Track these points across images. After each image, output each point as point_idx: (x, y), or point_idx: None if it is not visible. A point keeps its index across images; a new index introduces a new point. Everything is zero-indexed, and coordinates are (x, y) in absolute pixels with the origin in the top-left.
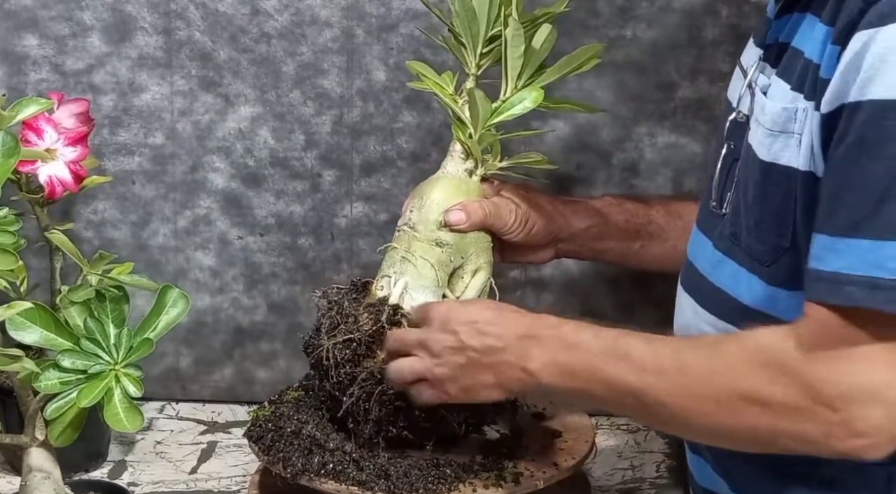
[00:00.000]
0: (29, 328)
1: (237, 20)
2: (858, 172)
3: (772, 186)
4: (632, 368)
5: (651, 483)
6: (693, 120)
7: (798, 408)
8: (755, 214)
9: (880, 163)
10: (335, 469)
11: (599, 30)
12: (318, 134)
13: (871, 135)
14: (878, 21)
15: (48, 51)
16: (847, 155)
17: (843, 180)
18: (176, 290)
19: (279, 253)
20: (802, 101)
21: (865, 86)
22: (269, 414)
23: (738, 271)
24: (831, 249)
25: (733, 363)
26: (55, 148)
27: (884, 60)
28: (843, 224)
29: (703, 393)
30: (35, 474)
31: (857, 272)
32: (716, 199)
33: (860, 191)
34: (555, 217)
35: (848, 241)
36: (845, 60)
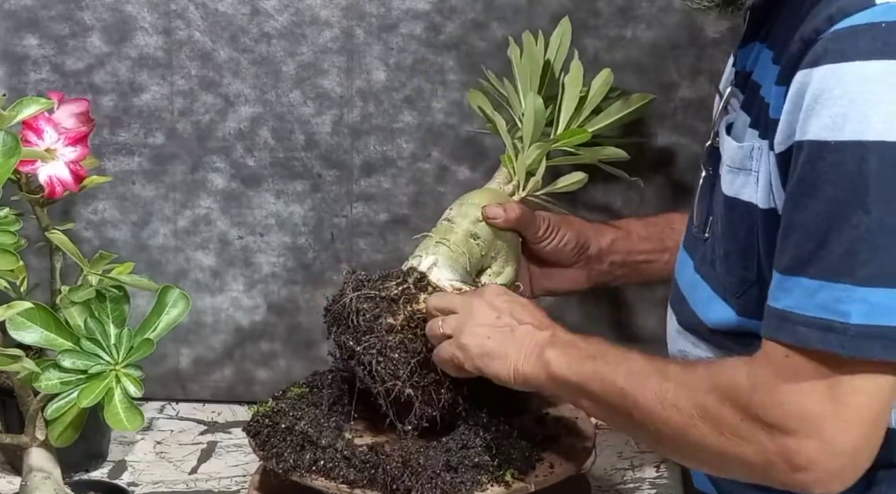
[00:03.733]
0: (29, 328)
1: (237, 20)
2: (801, 212)
3: (736, 221)
4: (623, 371)
5: (651, 483)
6: (693, 120)
7: (741, 432)
8: (723, 246)
9: (818, 204)
10: (325, 466)
11: (599, 30)
12: (318, 134)
13: (809, 175)
14: (813, 62)
15: (48, 51)
16: (792, 194)
17: (789, 219)
18: (176, 290)
19: (279, 254)
20: (758, 140)
21: (805, 126)
22: (267, 410)
23: (713, 297)
24: (781, 287)
25: (698, 382)
26: (55, 148)
27: (817, 100)
28: (790, 262)
29: (666, 403)
30: (35, 474)
31: (806, 312)
32: (698, 224)
33: (803, 231)
34: (583, 231)
35: (793, 280)
36: (788, 99)
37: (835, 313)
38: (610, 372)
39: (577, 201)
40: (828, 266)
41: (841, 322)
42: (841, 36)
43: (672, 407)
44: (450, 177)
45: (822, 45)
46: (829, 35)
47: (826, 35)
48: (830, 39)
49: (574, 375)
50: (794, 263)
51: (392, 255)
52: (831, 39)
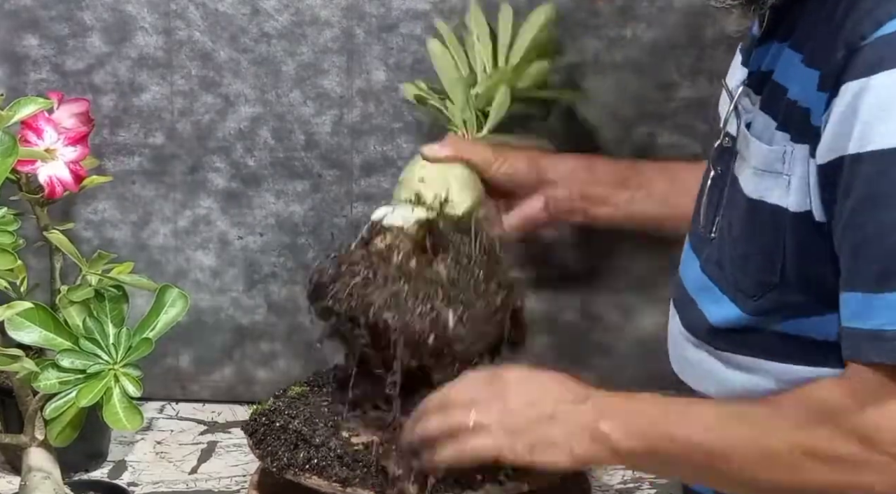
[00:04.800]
0: (28, 328)
1: (237, 20)
2: (875, 225)
3: (759, 223)
4: (697, 426)
5: (651, 483)
6: (693, 120)
7: (858, 461)
8: (741, 248)
9: (893, 213)
10: (319, 465)
11: (599, 30)
12: (318, 134)
13: (880, 186)
14: (868, 71)
15: (48, 51)
16: (859, 209)
17: (860, 235)
18: (175, 290)
19: (279, 254)
20: (790, 143)
21: (865, 138)
22: (265, 409)
23: (722, 298)
24: (868, 306)
25: (792, 420)
26: (55, 148)
27: (882, 109)
28: (872, 280)
29: (766, 450)
30: (35, 474)
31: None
32: (704, 224)
33: (881, 244)
34: (538, 158)
35: (883, 297)
36: (838, 110)
37: None
38: (681, 430)
39: None
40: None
41: None
42: (893, 40)
43: (771, 454)
44: None
45: (874, 51)
46: (878, 40)
47: (873, 40)
48: (883, 44)
49: (640, 443)
50: (879, 280)
51: None
52: (884, 44)
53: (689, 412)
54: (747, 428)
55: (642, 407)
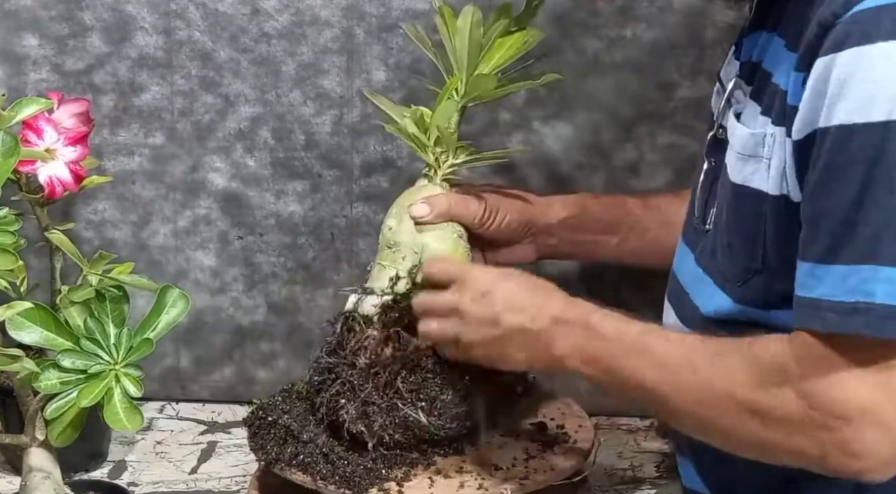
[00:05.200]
0: (29, 328)
1: (237, 20)
2: (829, 198)
3: (743, 209)
4: (648, 365)
5: (651, 483)
6: (693, 120)
7: (795, 423)
8: (728, 235)
9: (847, 187)
10: (304, 461)
11: (599, 30)
12: (318, 134)
13: (837, 159)
14: (835, 47)
15: (48, 51)
16: (818, 181)
17: (816, 207)
18: (176, 290)
19: (279, 254)
20: (771, 126)
21: (830, 112)
22: (265, 403)
23: (713, 288)
24: (812, 275)
25: (735, 374)
26: (55, 148)
27: (844, 85)
28: (820, 250)
29: (708, 398)
30: (35, 474)
31: (835, 298)
32: (699, 216)
33: (833, 217)
34: (528, 208)
35: (826, 268)
36: (810, 86)
37: (861, 294)
38: (632, 365)
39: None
40: (857, 249)
41: (866, 302)
42: (862, 18)
43: (712, 402)
44: None
45: (843, 28)
46: (848, 18)
47: (845, 18)
48: (851, 22)
49: (593, 370)
50: (824, 251)
51: None
52: (852, 22)
53: (642, 346)
54: (690, 373)
55: (600, 334)
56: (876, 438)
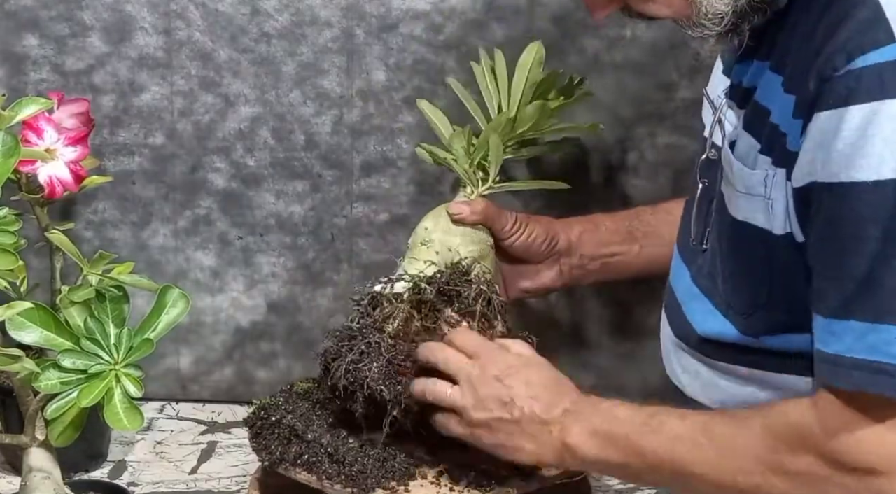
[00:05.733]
0: (29, 328)
1: (237, 20)
2: (840, 253)
3: (746, 245)
4: (666, 441)
5: None
6: (693, 120)
7: (821, 478)
8: (730, 266)
9: (863, 244)
10: (309, 461)
11: (599, 30)
12: (318, 134)
13: (850, 216)
14: (837, 103)
15: (48, 51)
16: (826, 235)
17: (826, 261)
18: (176, 290)
19: (279, 254)
20: (771, 167)
21: (834, 168)
22: (266, 403)
23: (714, 312)
24: (829, 331)
25: (759, 436)
26: (55, 148)
27: (849, 143)
28: (835, 306)
29: (731, 466)
30: (35, 474)
31: (856, 355)
32: (695, 236)
33: (844, 273)
34: (552, 226)
35: (843, 323)
36: (811, 137)
37: (885, 355)
38: (650, 446)
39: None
40: (874, 307)
41: (891, 363)
42: (865, 75)
43: (738, 472)
44: (450, 177)
45: (845, 84)
46: (849, 74)
47: (845, 73)
48: (854, 79)
49: (608, 457)
50: (841, 306)
51: (392, 255)
52: (855, 79)
53: (657, 423)
54: (711, 444)
55: (613, 417)
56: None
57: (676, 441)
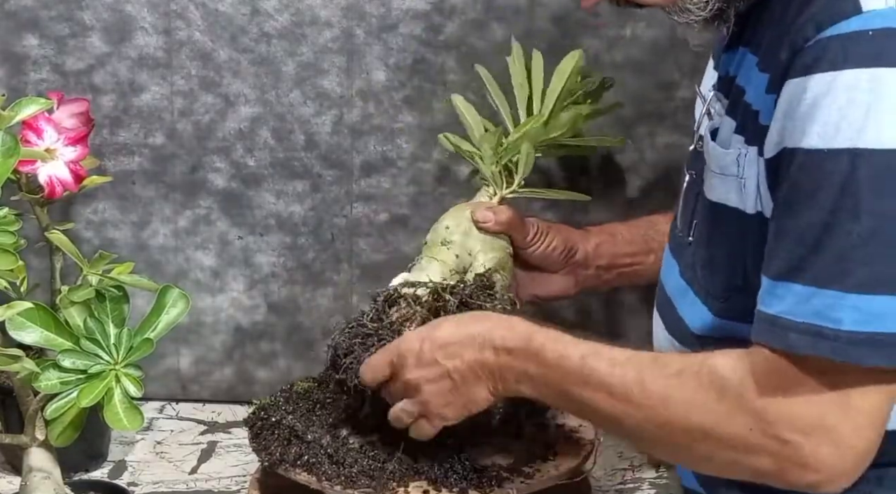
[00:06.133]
0: (29, 328)
1: (237, 20)
2: (794, 218)
3: (721, 226)
4: (596, 390)
5: (651, 483)
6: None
7: (752, 443)
8: (707, 250)
9: (811, 211)
10: (309, 462)
11: (599, 30)
12: (318, 134)
13: (803, 182)
14: (806, 70)
15: (48, 51)
16: (784, 200)
17: (781, 224)
18: (176, 290)
19: (279, 254)
20: (744, 146)
21: (798, 134)
22: (266, 403)
23: (695, 301)
24: (772, 292)
25: (690, 395)
26: (55, 148)
27: (810, 109)
28: (781, 268)
29: (661, 421)
30: (35, 474)
31: (797, 318)
32: (682, 228)
33: (794, 237)
34: (571, 237)
35: (785, 285)
36: (780, 107)
37: (827, 319)
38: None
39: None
40: (820, 272)
41: (832, 328)
42: (830, 44)
43: (665, 425)
44: (450, 177)
45: (812, 53)
46: (817, 43)
47: (814, 43)
48: (821, 48)
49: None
50: (787, 269)
51: (392, 255)
52: (822, 48)
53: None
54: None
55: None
56: (830, 453)
57: (605, 392)
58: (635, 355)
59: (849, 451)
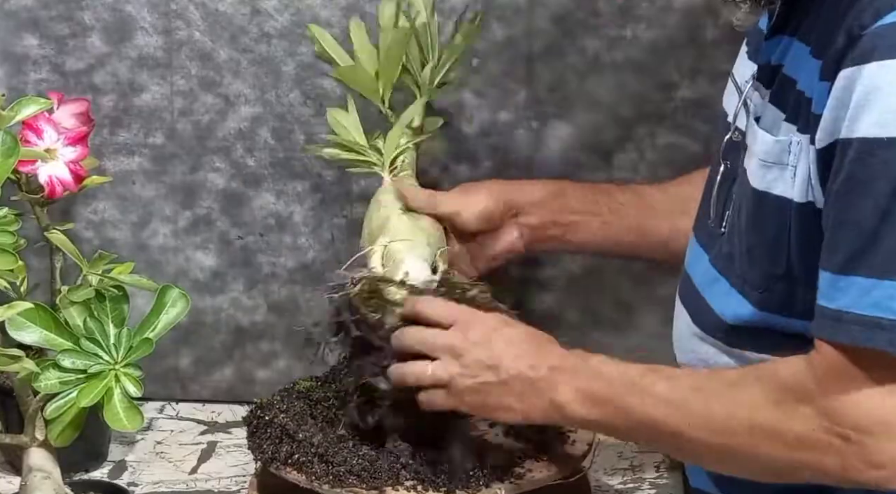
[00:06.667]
0: (29, 328)
1: (237, 20)
2: (850, 210)
3: (765, 215)
4: (655, 401)
5: (651, 483)
6: (693, 120)
7: (816, 441)
8: (748, 240)
9: (869, 201)
10: (299, 461)
11: (599, 30)
12: (318, 134)
13: (860, 172)
14: (861, 58)
15: (48, 51)
16: (839, 192)
17: (837, 217)
18: (175, 290)
19: (279, 254)
20: (796, 134)
21: (853, 124)
22: (264, 402)
23: (730, 291)
24: (833, 286)
25: (753, 399)
26: (55, 148)
27: (868, 97)
28: (841, 261)
29: (723, 428)
30: (35, 474)
31: (858, 311)
32: (714, 218)
33: (853, 228)
34: (505, 190)
35: (847, 279)
36: (834, 96)
37: (886, 310)
38: (638, 403)
39: None
40: (880, 263)
41: (890, 319)
42: (888, 33)
43: (727, 432)
44: (450, 176)
45: (870, 40)
46: (875, 30)
47: (872, 30)
48: (878, 35)
49: (595, 413)
50: (848, 262)
51: None
52: (879, 35)
53: (648, 383)
54: (703, 405)
55: (601, 375)
56: (894, 449)
57: (665, 403)
58: (692, 369)
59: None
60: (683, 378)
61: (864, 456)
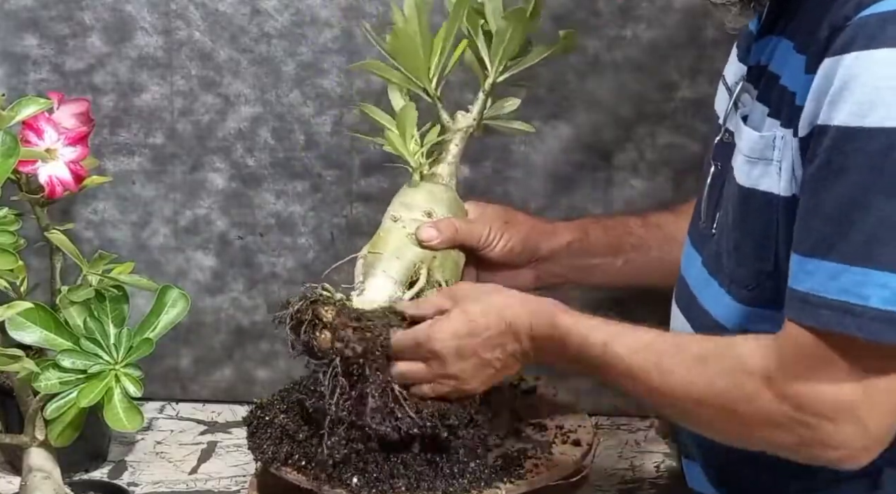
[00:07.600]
0: (29, 328)
1: (237, 20)
2: (825, 195)
3: (752, 211)
4: (620, 378)
5: (651, 483)
6: (693, 120)
7: (774, 422)
8: (734, 237)
9: (842, 188)
10: (299, 461)
11: (599, 30)
12: (318, 134)
13: (834, 160)
14: (842, 48)
15: (48, 51)
16: (815, 177)
17: (812, 202)
18: (176, 290)
19: (279, 254)
20: (780, 129)
21: (831, 111)
22: (264, 402)
23: (720, 292)
24: (802, 269)
25: (713, 379)
26: (55, 148)
27: (844, 87)
28: (812, 245)
29: (684, 406)
30: (35, 474)
31: (827, 295)
32: (706, 219)
33: (827, 214)
34: (533, 236)
35: (814, 262)
36: (815, 85)
37: (855, 296)
38: (610, 380)
39: (573, 200)
40: (849, 250)
41: (860, 305)
42: (869, 22)
43: (692, 408)
44: None
45: (852, 30)
46: (857, 21)
47: (854, 21)
48: (859, 26)
49: (581, 372)
50: (817, 246)
51: None
52: (860, 26)
53: (614, 358)
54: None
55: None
56: (852, 432)
57: (629, 378)
58: (657, 338)
59: (871, 432)
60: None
61: (822, 438)
